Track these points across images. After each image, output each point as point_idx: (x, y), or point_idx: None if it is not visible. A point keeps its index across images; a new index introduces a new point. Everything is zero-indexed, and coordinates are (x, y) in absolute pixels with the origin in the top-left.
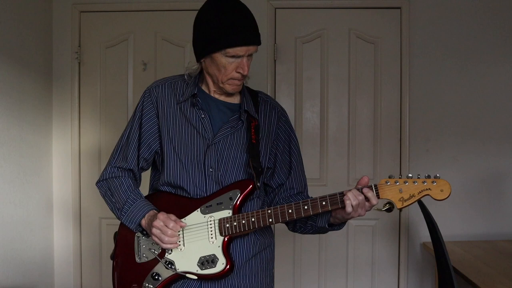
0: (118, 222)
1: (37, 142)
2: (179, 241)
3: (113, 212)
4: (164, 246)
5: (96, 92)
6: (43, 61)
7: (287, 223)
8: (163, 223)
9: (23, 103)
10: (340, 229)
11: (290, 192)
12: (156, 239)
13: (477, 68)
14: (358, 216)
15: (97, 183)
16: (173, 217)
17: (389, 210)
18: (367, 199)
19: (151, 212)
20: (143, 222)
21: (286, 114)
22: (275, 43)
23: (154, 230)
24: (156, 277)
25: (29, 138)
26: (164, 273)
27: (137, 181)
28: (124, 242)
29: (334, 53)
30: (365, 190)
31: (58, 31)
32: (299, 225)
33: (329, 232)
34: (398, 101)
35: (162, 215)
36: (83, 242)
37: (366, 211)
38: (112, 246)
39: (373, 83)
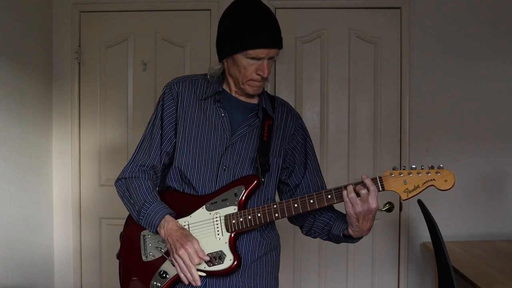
0: (119, 222)
1: (37, 142)
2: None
3: (131, 213)
4: (182, 277)
5: (96, 92)
6: (43, 61)
7: (301, 226)
8: (188, 258)
9: (23, 103)
10: (354, 242)
11: (306, 191)
12: (177, 266)
13: (477, 68)
14: (359, 213)
15: (116, 181)
16: (197, 246)
17: (389, 210)
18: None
19: (168, 218)
20: (162, 232)
21: (301, 118)
22: None
23: (177, 258)
24: (164, 275)
25: (29, 138)
26: (172, 271)
27: (158, 178)
28: (129, 241)
29: (334, 53)
30: (367, 180)
31: (58, 31)
32: (314, 230)
33: None
34: (398, 101)
35: (189, 247)
36: (83, 242)
37: (369, 210)
38: (113, 245)
39: (373, 83)
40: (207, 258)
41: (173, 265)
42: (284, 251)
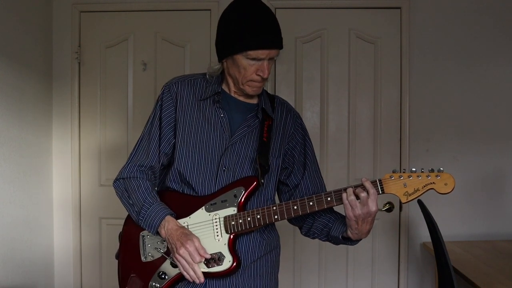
0: (119, 222)
1: (37, 142)
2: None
3: (130, 214)
4: (186, 276)
5: (96, 92)
6: (43, 61)
7: (300, 227)
8: (189, 257)
9: (23, 103)
10: (353, 244)
11: (305, 192)
12: (179, 265)
13: (477, 68)
14: (358, 216)
15: (114, 181)
16: (198, 244)
17: (389, 210)
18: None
19: (168, 218)
20: (163, 232)
21: (301, 119)
22: None
23: (179, 257)
24: (163, 276)
25: (29, 138)
26: (171, 272)
27: (156, 179)
28: (128, 241)
29: (334, 53)
30: (367, 183)
31: (58, 31)
32: (313, 231)
33: None
34: (398, 101)
35: (190, 246)
36: (83, 242)
37: (368, 213)
38: (113, 245)
39: (373, 83)
40: (209, 256)
41: (173, 265)
42: (284, 252)
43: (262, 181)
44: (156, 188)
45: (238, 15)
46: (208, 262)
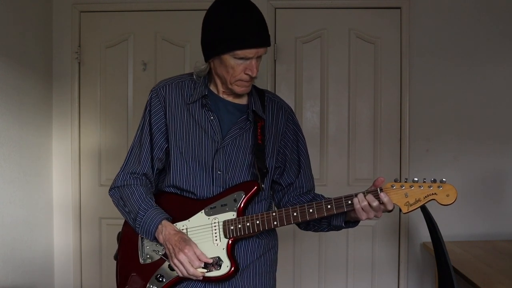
0: (119, 222)
1: (37, 142)
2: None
3: (128, 222)
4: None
5: (96, 92)
6: (43, 61)
7: (298, 224)
8: (188, 260)
9: (23, 103)
10: (355, 226)
11: (299, 191)
12: (177, 270)
13: (477, 68)
14: (374, 217)
15: (109, 190)
16: (197, 250)
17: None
18: (381, 203)
19: (165, 223)
20: (161, 237)
21: (293, 113)
22: (275, 43)
23: (177, 263)
24: (160, 279)
25: (29, 138)
26: (169, 274)
27: (152, 185)
28: (127, 242)
29: (334, 53)
30: (381, 195)
31: (58, 31)
32: (312, 224)
33: (330, 233)
34: (398, 101)
35: (189, 251)
36: (83, 242)
37: (383, 212)
38: (113, 246)
39: (373, 83)
40: (210, 260)
41: (171, 268)
42: (284, 253)
43: (262, 185)
44: (152, 192)
45: (223, 14)
46: (206, 266)
